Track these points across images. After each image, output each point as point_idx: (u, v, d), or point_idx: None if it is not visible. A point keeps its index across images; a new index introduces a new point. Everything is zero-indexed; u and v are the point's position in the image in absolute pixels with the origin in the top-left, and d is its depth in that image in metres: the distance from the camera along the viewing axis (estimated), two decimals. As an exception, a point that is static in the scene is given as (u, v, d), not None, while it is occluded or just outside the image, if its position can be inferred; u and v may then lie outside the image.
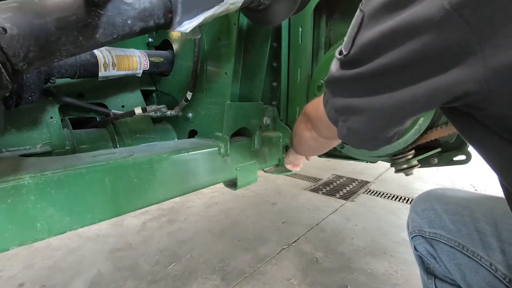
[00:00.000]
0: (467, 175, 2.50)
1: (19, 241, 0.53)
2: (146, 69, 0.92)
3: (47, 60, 0.34)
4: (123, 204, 0.66)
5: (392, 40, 0.28)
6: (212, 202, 1.87)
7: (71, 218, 0.58)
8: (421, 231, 0.54)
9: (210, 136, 0.93)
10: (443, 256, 0.50)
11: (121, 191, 0.65)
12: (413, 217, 0.57)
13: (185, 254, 1.25)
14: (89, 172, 0.59)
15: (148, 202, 0.71)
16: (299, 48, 1.08)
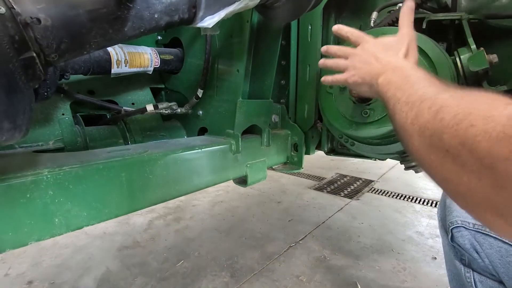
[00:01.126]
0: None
1: (38, 236, 0.53)
2: (157, 67, 0.92)
3: (77, 53, 0.34)
4: (139, 199, 0.66)
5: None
6: (217, 201, 1.87)
7: (88, 213, 0.58)
8: (464, 222, 0.50)
9: (221, 133, 0.94)
10: (489, 251, 0.47)
11: (137, 186, 0.65)
12: (452, 206, 0.53)
13: (193, 251, 1.25)
14: (106, 168, 0.59)
15: (163, 198, 0.71)
16: (308, 46, 1.08)
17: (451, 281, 0.59)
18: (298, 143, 1.13)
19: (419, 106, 0.32)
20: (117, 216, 0.63)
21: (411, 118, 0.33)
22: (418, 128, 0.31)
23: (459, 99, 0.29)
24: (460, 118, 0.26)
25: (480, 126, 0.25)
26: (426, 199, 1.93)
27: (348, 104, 0.84)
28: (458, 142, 0.26)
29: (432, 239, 1.39)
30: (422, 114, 0.31)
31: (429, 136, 0.29)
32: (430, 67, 0.79)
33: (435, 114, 0.29)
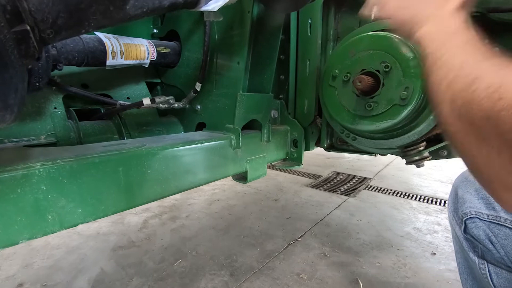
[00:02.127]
0: (464, 171, 2.53)
1: (29, 234, 0.50)
2: (154, 60, 0.89)
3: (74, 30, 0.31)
4: (137, 195, 0.63)
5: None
6: (213, 199, 1.84)
7: (84, 210, 0.55)
8: (478, 213, 0.49)
9: (220, 128, 0.91)
10: (505, 241, 0.46)
11: (135, 182, 0.62)
12: (465, 197, 0.52)
13: (191, 251, 1.22)
14: (102, 162, 0.56)
15: (161, 194, 0.68)
16: (308, 40, 1.07)
17: (462, 274, 0.58)
18: (297, 139, 1.11)
19: (457, 73, 0.30)
20: (114, 213, 0.60)
21: (446, 83, 0.31)
22: (450, 96, 0.30)
23: (497, 70, 0.27)
24: (491, 90, 0.25)
25: (508, 100, 0.24)
26: (422, 196, 1.94)
27: (351, 97, 0.83)
28: (484, 115, 0.26)
29: (430, 235, 1.39)
30: (457, 82, 0.30)
31: (459, 106, 0.29)
32: (433, 59, 0.78)
33: (470, 83, 0.28)
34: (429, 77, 0.35)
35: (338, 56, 0.84)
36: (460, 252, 0.56)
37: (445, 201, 1.83)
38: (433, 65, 0.35)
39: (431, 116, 0.80)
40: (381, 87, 0.77)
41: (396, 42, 0.74)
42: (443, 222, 1.52)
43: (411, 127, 0.84)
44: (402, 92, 0.74)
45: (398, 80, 0.74)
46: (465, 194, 0.52)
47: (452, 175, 2.45)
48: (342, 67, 0.83)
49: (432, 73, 0.35)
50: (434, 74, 0.34)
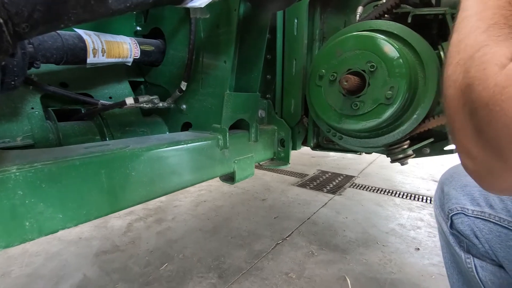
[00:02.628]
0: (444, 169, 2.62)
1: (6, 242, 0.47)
2: (137, 58, 0.87)
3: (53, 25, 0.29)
4: (121, 198, 0.61)
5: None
6: (200, 200, 1.82)
7: (64, 215, 0.52)
8: (464, 209, 0.51)
9: (206, 128, 0.90)
10: (489, 236, 0.47)
11: (118, 184, 0.60)
12: (451, 194, 0.54)
13: (177, 253, 1.20)
14: (83, 164, 0.54)
15: (147, 196, 0.66)
16: (294, 40, 1.07)
17: (448, 268, 0.59)
18: (285, 138, 1.11)
19: (465, 47, 0.30)
20: (97, 218, 0.58)
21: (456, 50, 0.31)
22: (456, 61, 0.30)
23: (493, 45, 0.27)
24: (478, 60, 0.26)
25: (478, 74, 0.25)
26: (405, 193, 1.99)
27: (337, 96, 0.83)
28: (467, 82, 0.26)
29: (414, 230, 1.43)
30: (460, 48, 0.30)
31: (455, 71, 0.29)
32: (416, 59, 0.80)
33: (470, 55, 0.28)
34: (450, 39, 0.33)
35: (324, 55, 0.85)
36: (446, 247, 0.58)
37: (427, 198, 1.89)
38: (455, 28, 0.33)
39: (414, 115, 0.82)
40: (367, 86, 0.78)
41: (381, 42, 0.75)
42: (425, 218, 1.57)
43: (396, 126, 0.86)
44: (387, 92, 0.75)
45: (383, 79, 0.75)
46: (451, 190, 0.53)
47: (433, 172, 2.53)
48: (329, 67, 0.83)
49: (453, 35, 0.33)
50: (453, 37, 0.33)
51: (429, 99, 0.80)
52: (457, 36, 0.32)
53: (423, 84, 0.80)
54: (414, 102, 0.81)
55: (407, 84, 0.74)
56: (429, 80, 0.79)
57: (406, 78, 0.74)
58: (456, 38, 0.32)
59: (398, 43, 0.77)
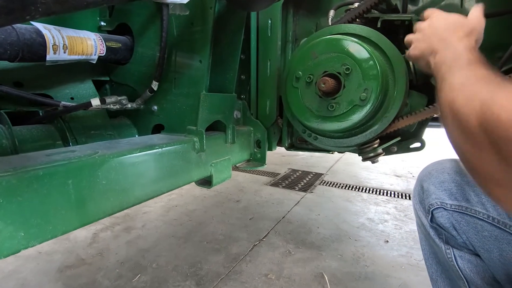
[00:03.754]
0: (405, 165, 2.82)
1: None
2: (102, 55, 0.80)
3: (17, 16, 0.24)
4: (91, 210, 0.56)
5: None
6: (171, 205, 1.75)
7: (27, 233, 0.46)
8: (443, 204, 0.53)
9: (180, 130, 0.86)
10: (466, 228, 0.51)
11: (88, 195, 0.55)
12: (431, 190, 0.56)
13: (150, 263, 1.14)
14: (47, 174, 0.48)
15: (120, 206, 0.61)
16: (268, 40, 1.06)
17: (427, 260, 0.63)
18: (261, 139, 1.11)
19: (457, 91, 0.36)
20: (65, 233, 0.52)
21: (449, 101, 0.37)
22: (452, 111, 0.36)
23: (490, 87, 0.33)
24: (483, 105, 0.31)
25: (495, 112, 0.29)
26: (371, 188, 2.10)
27: (314, 98, 0.84)
28: (478, 125, 0.31)
29: (382, 224, 1.51)
30: (457, 99, 0.35)
31: (459, 120, 0.34)
32: (386, 63, 0.84)
33: (467, 100, 0.34)
34: (439, 96, 0.40)
35: (300, 57, 0.85)
36: (425, 240, 0.62)
37: (391, 192, 2.01)
38: (440, 85, 0.40)
39: (385, 116, 0.86)
40: (342, 88, 0.80)
41: (356, 46, 0.78)
42: (391, 212, 1.67)
43: (368, 126, 0.89)
44: (362, 94, 0.78)
45: (358, 82, 0.78)
46: (430, 186, 0.56)
47: (394, 168, 2.71)
48: (305, 69, 0.84)
49: (440, 94, 0.40)
50: (441, 95, 0.39)
51: (399, 101, 0.84)
52: (445, 93, 0.38)
53: (393, 86, 0.84)
54: (384, 104, 0.85)
55: (380, 86, 0.77)
56: (398, 82, 0.83)
57: (379, 81, 0.77)
58: (445, 95, 0.38)
59: (370, 47, 0.80)
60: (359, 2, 0.92)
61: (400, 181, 2.30)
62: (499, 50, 0.82)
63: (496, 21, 0.83)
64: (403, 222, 1.52)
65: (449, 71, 0.40)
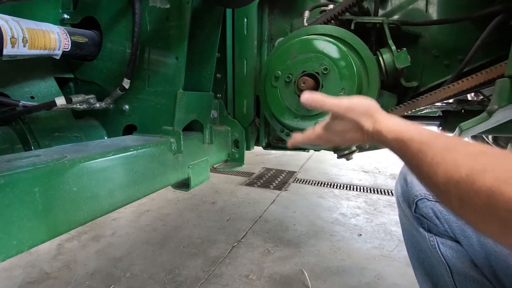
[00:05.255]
0: (371, 161, 2.97)
1: None
2: (67, 50, 0.73)
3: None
4: (61, 221, 0.51)
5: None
6: (142, 210, 1.66)
7: (-14, 250, 0.41)
8: (426, 194, 0.57)
9: (154, 131, 0.82)
10: (448, 216, 0.55)
11: (57, 204, 0.50)
12: (414, 182, 0.60)
13: (124, 272, 1.07)
14: (10, 183, 0.43)
15: (93, 215, 0.57)
16: (244, 39, 1.05)
17: (409, 249, 0.67)
18: (239, 139, 1.09)
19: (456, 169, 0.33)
20: (32, 247, 0.47)
21: (446, 178, 0.33)
22: (450, 189, 0.33)
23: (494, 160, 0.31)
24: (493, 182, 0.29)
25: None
26: (341, 184, 2.18)
27: (293, 97, 0.85)
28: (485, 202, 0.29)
29: (354, 218, 1.58)
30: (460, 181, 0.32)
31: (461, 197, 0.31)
32: (360, 64, 0.87)
33: (470, 179, 0.31)
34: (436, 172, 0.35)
35: (279, 57, 0.86)
36: (408, 230, 0.65)
37: (361, 187, 2.11)
38: (423, 156, 0.37)
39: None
40: (320, 88, 0.82)
41: (333, 47, 0.80)
42: (362, 206, 1.75)
43: (344, 125, 0.92)
44: (339, 93, 0.80)
45: (335, 81, 0.80)
46: (413, 179, 0.60)
47: (362, 164, 2.84)
48: (284, 68, 0.85)
49: (425, 163, 0.36)
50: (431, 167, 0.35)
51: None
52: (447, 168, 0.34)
53: (366, 86, 0.87)
54: None
55: (356, 86, 0.80)
56: (372, 82, 0.87)
57: (355, 80, 0.80)
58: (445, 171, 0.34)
59: (346, 47, 0.83)
60: (333, 4, 0.95)
61: (368, 176, 2.42)
62: (460, 53, 0.89)
63: (456, 27, 0.91)
64: (374, 216, 1.60)
65: (426, 145, 0.37)
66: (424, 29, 0.94)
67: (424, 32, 0.95)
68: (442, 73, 0.95)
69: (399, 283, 1.04)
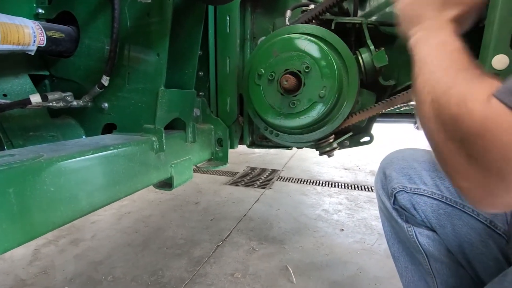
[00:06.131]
0: (352, 158, 3.05)
1: None
2: (42, 46, 0.70)
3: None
4: (38, 222, 0.49)
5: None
6: (123, 212, 1.62)
7: (-44, 255, 0.38)
8: (404, 187, 0.60)
9: (134, 130, 0.80)
10: (424, 207, 0.58)
11: (34, 205, 0.48)
12: (393, 175, 0.63)
13: (105, 276, 1.04)
14: (-18, 183, 0.41)
15: (72, 216, 0.55)
16: (227, 37, 1.05)
17: (389, 240, 0.70)
18: (222, 137, 1.09)
19: (437, 81, 0.36)
20: (7, 250, 0.45)
21: (427, 89, 0.37)
22: (429, 99, 0.36)
23: (467, 81, 0.33)
24: (459, 98, 0.32)
25: (468, 107, 0.30)
26: (323, 181, 2.23)
27: (276, 95, 0.86)
28: (452, 117, 0.32)
29: (336, 214, 1.62)
30: (436, 89, 0.36)
31: (435, 108, 0.34)
32: (341, 62, 0.89)
33: (445, 91, 0.34)
34: (416, 80, 0.40)
35: (262, 55, 0.86)
36: (387, 222, 0.68)
37: (342, 184, 2.16)
38: (419, 71, 0.40)
39: (340, 113, 0.92)
40: (302, 86, 0.83)
41: (314, 46, 0.81)
42: (343, 202, 1.79)
43: (325, 122, 0.94)
44: (321, 91, 0.82)
45: (317, 80, 0.82)
46: (392, 173, 0.63)
47: (342, 161, 2.91)
48: (267, 66, 0.85)
49: (418, 77, 0.40)
50: (419, 79, 0.40)
51: (352, 98, 0.90)
52: (424, 78, 0.38)
53: (347, 84, 0.90)
54: (340, 101, 0.91)
55: (337, 84, 0.82)
56: (352, 81, 0.89)
57: (335, 79, 0.82)
58: (423, 80, 0.38)
59: (327, 47, 0.85)
60: (314, 4, 0.97)
61: (348, 173, 2.48)
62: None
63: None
64: (355, 211, 1.65)
65: (429, 56, 0.39)
66: (401, 30, 0.98)
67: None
68: (417, 72, 0.99)
69: (379, 275, 1.07)
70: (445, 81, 0.35)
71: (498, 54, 0.59)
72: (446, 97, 0.33)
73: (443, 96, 0.34)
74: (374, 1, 1.01)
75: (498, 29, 0.59)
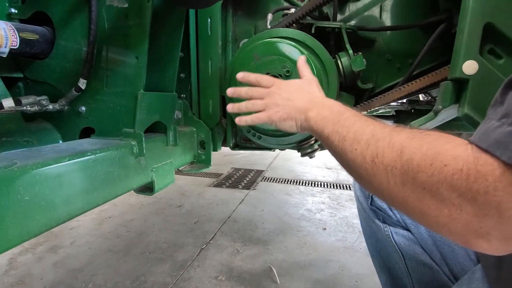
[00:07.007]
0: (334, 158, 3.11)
1: None
2: (15, 48, 0.68)
3: None
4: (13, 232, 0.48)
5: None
6: (103, 217, 1.58)
7: None
8: None
9: (114, 134, 0.78)
10: None
11: (8, 214, 0.46)
12: None
13: (85, 283, 1.01)
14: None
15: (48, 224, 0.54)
16: (208, 39, 1.05)
17: (367, 239, 0.72)
18: (205, 140, 1.09)
19: (376, 145, 0.33)
20: (-23, 264, 0.43)
21: (370, 156, 0.33)
22: (384, 167, 0.32)
23: (418, 140, 0.31)
24: (430, 159, 0.29)
25: (453, 165, 0.27)
26: (307, 181, 2.26)
27: (258, 98, 0.87)
28: (436, 180, 0.28)
29: (319, 213, 1.65)
30: (384, 153, 0.32)
31: (400, 175, 0.30)
32: (320, 66, 0.91)
33: (399, 154, 0.31)
34: (345, 155, 0.37)
35: (243, 59, 0.87)
36: (365, 222, 0.70)
37: (325, 183, 2.20)
38: (342, 143, 0.37)
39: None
40: (283, 89, 0.84)
41: (294, 50, 0.83)
42: (326, 201, 1.83)
43: (307, 124, 0.96)
44: (301, 94, 0.83)
45: (297, 83, 0.83)
46: None
47: (325, 161, 2.96)
48: (249, 70, 0.86)
49: (346, 151, 0.37)
50: (349, 152, 0.36)
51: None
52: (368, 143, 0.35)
53: (326, 88, 0.92)
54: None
55: (317, 87, 0.84)
56: (331, 84, 0.91)
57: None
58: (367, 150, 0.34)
59: (307, 51, 0.87)
60: (294, 8, 0.98)
61: (331, 173, 2.53)
62: (410, 57, 0.97)
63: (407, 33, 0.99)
64: (337, 210, 1.68)
65: (341, 126, 0.39)
66: (378, 35, 1.01)
67: (379, 38, 1.02)
68: (395, 76, 1.03)
69: (360, 273, 1.11)
70: (387, 144, 0.32)
71: (468, 60, 0.63)
72: (405, 160, 0.30)
73: (401, 160, 0.30)
74: (353, 5, 1.04)
75: (467, 36, 0.62)
